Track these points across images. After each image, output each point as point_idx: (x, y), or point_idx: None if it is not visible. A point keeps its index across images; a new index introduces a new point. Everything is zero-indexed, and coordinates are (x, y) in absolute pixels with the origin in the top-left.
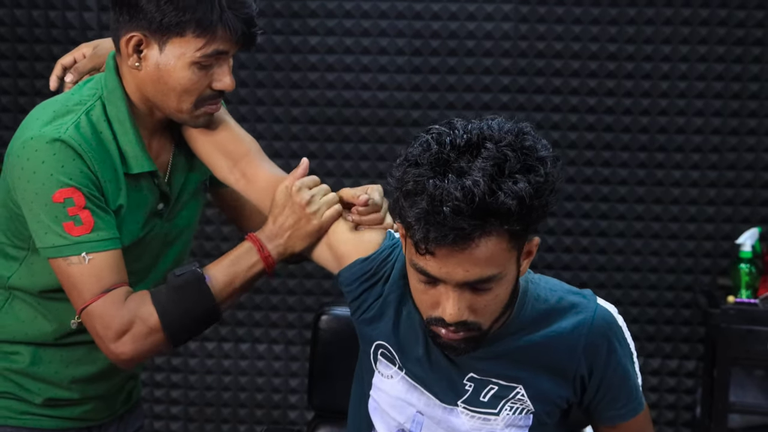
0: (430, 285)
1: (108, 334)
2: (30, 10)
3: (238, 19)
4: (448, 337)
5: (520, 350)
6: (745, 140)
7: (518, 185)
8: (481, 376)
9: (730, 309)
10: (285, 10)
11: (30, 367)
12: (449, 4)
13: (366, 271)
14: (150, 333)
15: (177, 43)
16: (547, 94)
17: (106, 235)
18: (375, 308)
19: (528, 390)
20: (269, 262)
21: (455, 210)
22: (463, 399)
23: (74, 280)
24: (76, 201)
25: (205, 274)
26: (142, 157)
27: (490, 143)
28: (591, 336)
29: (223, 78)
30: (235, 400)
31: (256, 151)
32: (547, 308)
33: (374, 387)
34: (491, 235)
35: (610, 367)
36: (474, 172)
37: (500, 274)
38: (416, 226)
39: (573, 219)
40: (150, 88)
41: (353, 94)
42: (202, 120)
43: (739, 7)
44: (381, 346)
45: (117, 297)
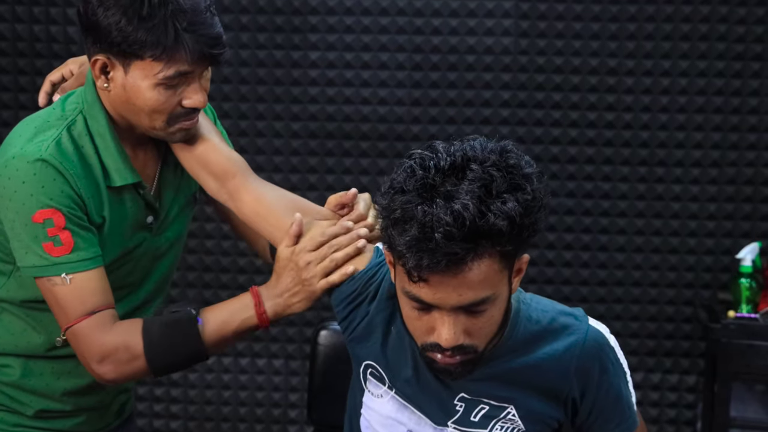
0: (423, 311)
1: (90, 356)
2: (31, 24)
3: (198, 41)
4: (444, 362)
5: (511, 372)
6: (745, 155)
7: (507, 205)
8: (473, 396)
9: (730, 324)
10: (286, 25)
11: (21, 380)
12: (450, 19)
13: (352, 291)
14: (132, 360)
15: (139, 66)
16: (547, 109)
17: (86, 255)
18: (362, 328)
19: (519, 410)
20: (263, 318)
21: (447, 235)
22: (453, 419)
23: (58, 300)
24: (56, 222)
25: (199, 317)
26: (124, 169)
27: (474, 164)
28: (582, 358)
29: (193, 96)
30: (234, 415)
31: (243, 170)
32: (539, 329)
33: (365, 406)
34: (483, 258)
35: (602, 389)
36: (462, 195)
37: (493, 295)
38: (408, 254)
39: (573, 233)
40: (121, 107)
41: (353, 108)
42: (179, 135)
43: (739, 22)
44: (370, 365)
45: (102, 320)
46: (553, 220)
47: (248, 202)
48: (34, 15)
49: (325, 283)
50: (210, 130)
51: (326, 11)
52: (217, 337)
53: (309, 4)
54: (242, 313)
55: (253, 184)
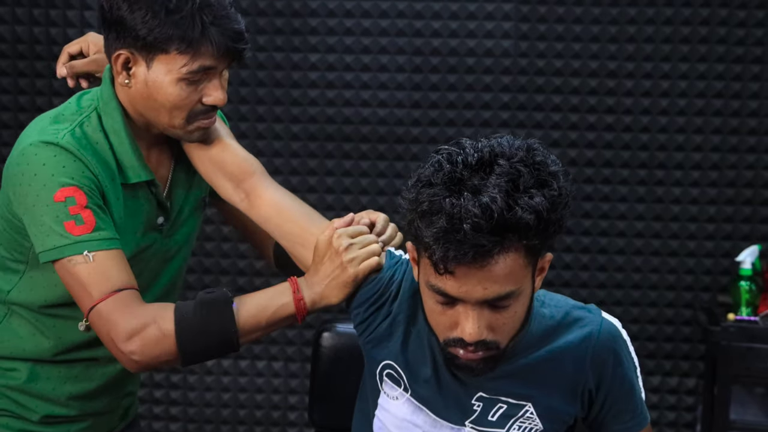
0: (447, 306)
1: (117, 334)
2: (31, 26)
3: (223, 35)
4: (467, 357)
5: (528, 367)
6: (745, 157)
7: (534, 200)
8: (491, 395)
9: (730, 326)
10: (286, 27)
11: (27, 384)
12: (450, 21)
13: (374, 293)
14: (161, 338)
15: (163, 60)
16: (547, 111)
17: (107, 235)
18: (383, 328)
19: (537, 408)
20: (301, 306)
21: (475, 227)
22: (471, 419)
23: (81, 280)
24: (78, 200)
25: (234, 301)
26: (139, 166)
27: (502, 160)
28: (598, 349)
29: (214, 93)
30: (234, 417)
31: (260, 172)
32: (553, 324)
33: (380, 407)
34: (509, 251)
35: (617, 380)
36: (489, 188)
37: (518, 290)
38: (435, 245)
39: (573, 236)
40: (141, 104)
41: (353, 110)
42: (197, 135)
43: (739, 25)
44: (388, 366)
45: (129, 298)
46: None
47: (266, 202)
48: (34, 17)
49: (370, 263)
50: (224, 131)
51: (326, 13)
52: (251, 322)
53: (309, 7)
54: (279, 299)
55: (269, 185)
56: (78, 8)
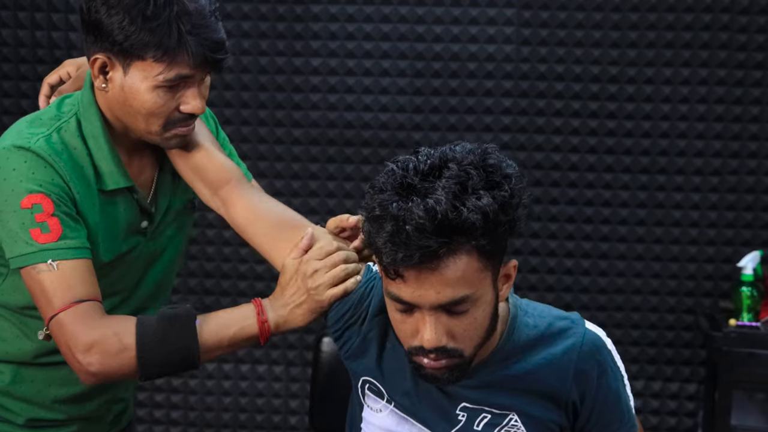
0: (406, 314)
1: (76, 345)
2: (33, 30)
3: (201, 44)
4: (430, 365)
5: (511, 378)
6: (746, 163)
7: (482, 201)
8: (474, 405)
9: (731, 332)
10: (287, 32)
11: (11, 386)
12: (451, 26)
13: (346, 311)
14: (121, 351)
15: (139, 67)
16: (549, 117)
17: (74, 244)
18: (357, 345)
19: (521, 417)
20: (264, 328)
21: (419, 228)
22: (456, 429)
23: (44, 288)
24: (45, 207)
25: (197, 317)
26: (117, 173)
27: (452, 164)
28: (581, 361)
29: (192, 101)
30: (234, 421)
31: (237, 179)
32: (536, 334)
33: (365, 420)
34: (460, 254)
35: (601, 391)
36: (437, 191)
37: (473, 294)
38: (384, 249)
39: (574, 241)
40: (118, 109)
41: (355, 115)
42: (174, 142)
43: (741, 31)
44: (367, 381)
45: (90, 309)
46: (554, 227)
47: (240, 210)
48: (36, 21)
49: (334, 292)
50: (206, 137)
51: (328, 18)
52: (213, 340)
53: (311, 11)
54: (243, 321)
55: (246, 192)
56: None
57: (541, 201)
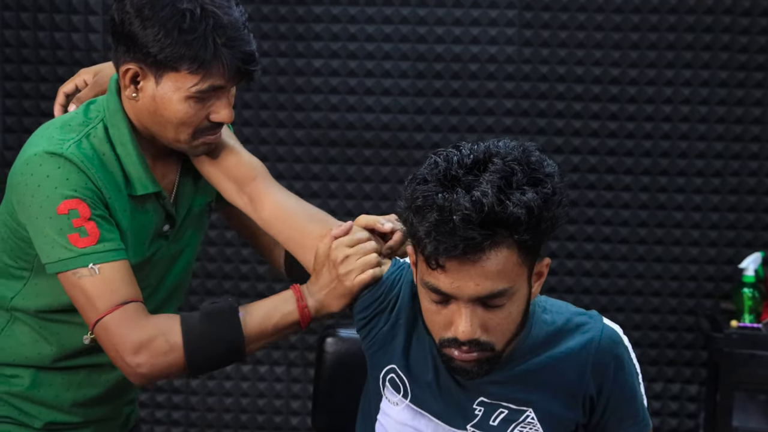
0: (441, 305)
1: (124, 347)
2: (36, 31)
3: (235, 56)
4: (461, 358)
5: (529, 373)
6: (748, 165)
7: (526, 195)
8: (492, 400)
9: (733, 333)
10: (289, 33)
11: (30, 390)
12: (453, 27)
13: (376, 299)
14: (169, 351)
15: (172, 78)
16: (550, 118)
17: (113, 246)
18: (384, 333)
19: (538, 413)
20: (305, 313)
21: (465, 219)
22: (472, 423)
23: (87, 293)
24: (81, 212)
25: (240, 310)
26: (146, 178)
27: (497, 159)
28: (599, 355)
29: (222, 111)
30: (236, 422)
31: (263, 175)
32: (554, 329)
33: (382, 411)
34: (501, 247)
35: (617, 386)
36: (482, 184)
37: (511, 289)
38: (427, 239)
39: (576, 242)
40: (147, 118)
41: (357, 116)
42: (201, 149)
43: (743, 33)
44: (391, 370)
45: (135, 311)
46: None
47: (268, 206)
48: (39, 22)
49: (362, 280)
50: (228, 135)
51: (330, 19)
52: (257, 330)
53: (313, 12)
54: (283, 307)
55: (272, 188)
56: (83, 13)
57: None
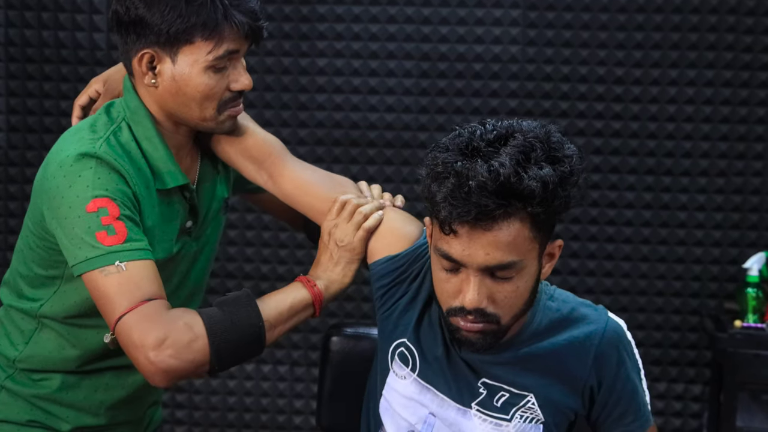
0: (452, 272)
1: (147, 342)
2: (40, 30)
3: (242, 14)
4: (467, 328)
5: (531, 357)
6: (752, 165)
7: (543, 171)
8: (494, 381)
9: (737, 333)
10: (293, 32)
11: (58, 393)
12: (457, 27)
13: (397, 267)
14: (194, 340)
15: (188, 51)
16: (554, 117)
17: (140, 246)
18: (402, 305)
19: (538, 399)
20: (315, 292)
21: (480, 186)
22: (477, 401)
23: (111, 290)
24: (110, 211)
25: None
26: (175, 171)
27: (518, 134)
28: (601, 346)
29: (240, 78)
30: (239, 421)
31: (280, 150)
32: (559, 317)
33: (388, 386)
34: (514, 219)
35: (619, 380)
36: (501, 156)
37: (521, 262)
38: (443, 203)
39: (579, 242)
40: (171, 102)
41: (361, 115)
42: (228, 124)
43: (747, 32)
44: (401, 344)
45: (158, 307)
46: (558, 228)
47: (287, 179)
48: (43, 21)
49: (363, 233)
50: (243, 116)
51: (334, 19)
52: (274, 314)
53: (317, 12)
54: (295, 292)
55: (290, 162)
56: (87, 12)
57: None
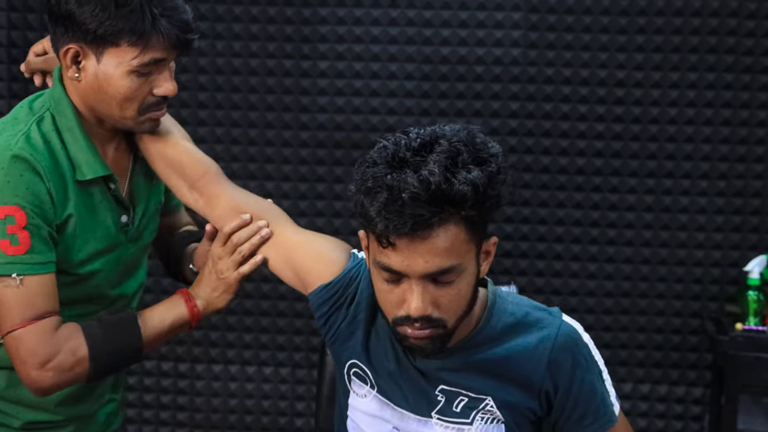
0: (393, 284)
1: (32, 361)
2: (43, 32)
3: (173, 26)
4: (414, 335)
5: (486, 362)
6: (753, 167)
7: (472, 174)
8: (452, 387)
9: (738, 336)
10: (295, 35)
11: (6, 390)
12: (459, 29)
13: (332, 295)
14: (75, 365)
15: (113, 53)
16: (555, 120)
17: (41, 259)
18: (343, 328)
19: (496, 401)
20: (195, 312)
21: (413, 197)
22: (436, 410)
23: (6, 301)
24: (17, 220)
25: (138, 318)
26: (94, 162)
27: (443, 140)
28: (555, 351)
29: (164, 84)
30: (241, 423)
31: (215, 172)
32: (513, 322)
33: (351, 407)
34: (449, 224)
35: (575, 383)
36: (429, 164)
37: (460, 266)
38: (377, 218)
39: (580, 244)
40: (92, 97)
41: (362, 118)
42: (148, 126)
43: (748, 35)
44: (354, 365)
45: (47, 326)
46: (560, 231)
47: (220, 202)
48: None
49: (238, 274)
50: (180, 134)
51: (336, 21)
52: (154, 333)
53: (319, 14)
54: (176, 310)
55: (225, 185)
56: None
57: (548, 204)
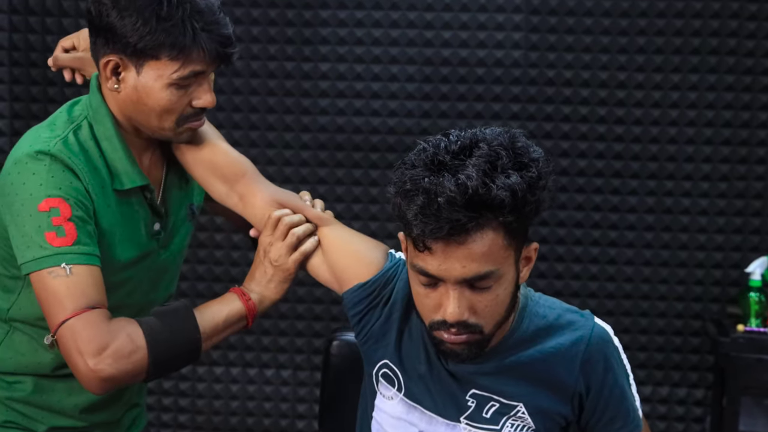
0: (430, 288)
1: (89, 349)
2: (44, 35)
3: (213, 40)
4: (450, 341)
5: (519, 365)
6: (755, 169)
7: (510, 179)
8: (483, 392)
9: (739, 338)
10: (296, 37)
11: (33, 396)
12: (460, 31)
13: (368, 294)
14: (133, 352)
15: (153, 66)
16: (557, 122)
17: (88, 250)
18: (377, 328)
19: (528, 407)
20: (250, 306)
21: (450, 201)
22: (465, 415)
23: (57, 292)
24: (62, 211)
25: None
26: (132, 171)
27: (483, 144)
28: (588, 353)
29: (203, 96)
30: (242, 425)
31: (252, 172)
32: (545, 324)
33: (377, 408)
34: (486, 229)
35: (606, 386)
36: (468, 168)
37: (498, 271)
38: (414, 221)
39: (582, 246)
40: (131, 108)
41: (363, 120)
42: (185, 136)
43: (749, 37)
44: (384, 365)
45: (101, 315)
46: (562, 232)
47: (257, 202)
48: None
49: (299, 255)
50: (214, 134)
51: (337, 23)
52: (210, 325)
53: (320, 16)
54: (230, 304)
55: (262, 185)
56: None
57: (549, 206)
